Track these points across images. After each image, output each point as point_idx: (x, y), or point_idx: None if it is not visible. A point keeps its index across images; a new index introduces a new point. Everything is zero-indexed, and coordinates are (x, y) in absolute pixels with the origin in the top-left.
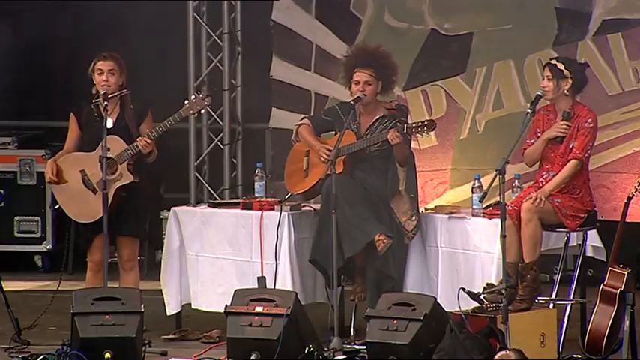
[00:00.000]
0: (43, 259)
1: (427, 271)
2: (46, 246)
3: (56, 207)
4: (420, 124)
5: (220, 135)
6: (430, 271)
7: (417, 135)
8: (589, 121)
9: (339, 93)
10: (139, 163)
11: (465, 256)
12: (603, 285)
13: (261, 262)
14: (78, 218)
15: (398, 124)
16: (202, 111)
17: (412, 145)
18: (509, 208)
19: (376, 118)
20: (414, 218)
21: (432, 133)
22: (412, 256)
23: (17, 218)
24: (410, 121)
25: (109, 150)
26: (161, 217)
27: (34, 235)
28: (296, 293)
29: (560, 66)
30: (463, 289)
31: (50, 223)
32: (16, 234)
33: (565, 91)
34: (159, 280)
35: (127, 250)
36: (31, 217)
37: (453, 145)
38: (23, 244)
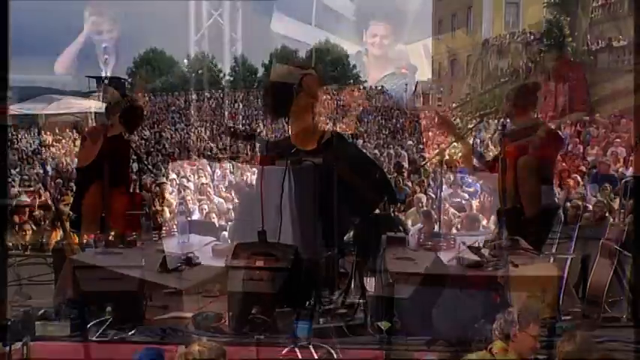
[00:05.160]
0: None
1: None
2: None
3: None
4: None
5: None
6: None
7: None
8: None
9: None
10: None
11: None
12: (603, 239)
13: (262, 217)
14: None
15: None
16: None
17: None
18: None
19: None
20: None
21: None
22: None
23: None
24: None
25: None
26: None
27: None
28: (297, 247)
29: None
30: (464, 243)
31: None
32: None
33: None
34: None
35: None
36: None
37: None
38: None
